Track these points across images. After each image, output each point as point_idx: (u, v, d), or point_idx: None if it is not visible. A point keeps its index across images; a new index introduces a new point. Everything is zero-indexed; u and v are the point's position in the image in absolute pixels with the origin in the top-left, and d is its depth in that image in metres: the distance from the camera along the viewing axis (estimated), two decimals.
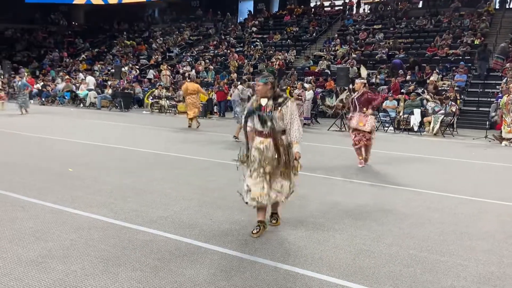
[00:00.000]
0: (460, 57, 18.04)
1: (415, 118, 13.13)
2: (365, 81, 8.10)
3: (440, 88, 15.83)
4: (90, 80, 20.28)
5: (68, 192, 5.27)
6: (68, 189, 5.44)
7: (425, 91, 14.39)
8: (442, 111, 12.70)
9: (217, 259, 3.50)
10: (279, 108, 3.93)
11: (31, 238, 3.80)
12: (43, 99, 20.32)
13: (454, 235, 4.26)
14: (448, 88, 14.88)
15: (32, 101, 19.46)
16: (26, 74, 16.49)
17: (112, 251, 3.58)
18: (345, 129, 13.07)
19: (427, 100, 13.34)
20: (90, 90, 19.47)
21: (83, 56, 28.26)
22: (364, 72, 8.78)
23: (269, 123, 3.92)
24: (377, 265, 3.49)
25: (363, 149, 7.65)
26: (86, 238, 3.85)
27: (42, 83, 21.77)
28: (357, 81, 7.91)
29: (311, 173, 6.84)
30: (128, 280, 3.10)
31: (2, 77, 20.57)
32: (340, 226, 4.37)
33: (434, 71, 16.98)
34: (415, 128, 13.06)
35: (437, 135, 12.42)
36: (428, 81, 16.37)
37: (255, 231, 4.03)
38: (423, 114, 13.35)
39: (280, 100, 3.96)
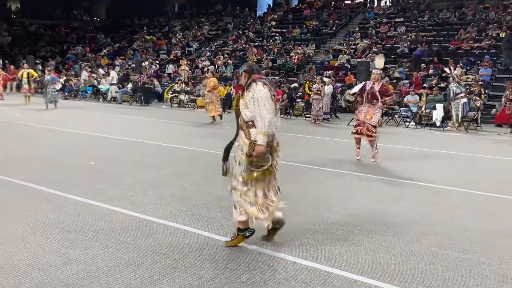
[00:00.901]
0: (485, 51, 17.55)
1: (438, 113, 12.85)
2: (381, 72, 7.87)
3: (464, 83, 15.47)
4: (114, 75, 20.60)
5: (90, 185, 5.37)
6: (90, 182, 5.54)
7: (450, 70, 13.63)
8: (462, 95, 12.15)
9: (236, 253, 3.51)
10: (243, 94, 3.53)
11: (55, 229, 3.89)
12: (66, 94, 20.72)
13: (477, 232, 4.17)
14: (472, 82, 14.52)
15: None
16: (49, 68, 16.80)
17: (133, 243, 3.64)
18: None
19: (452, 79, 12.60)
20: (112, 84, 19.77)
21: (104, 51, 28.66)
22: (380, 62, 8.39)
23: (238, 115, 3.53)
24: (397, 262, 3.44)
25: (364, 142, 7.52)
26: (107, 230, 3.92)
27: (65, 78, 22.18)
28: (374, 71, 7.69)
29: (328, 169, 6.80)
30: (148, 271, 3.14)
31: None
32: (359, 222, 4.33)
33: (458, 65, 16.57)
34: (438, 123, 12.79)
35: (459, 128, 12.12)
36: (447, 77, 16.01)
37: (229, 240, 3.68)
38: (446, 109, 13.06)
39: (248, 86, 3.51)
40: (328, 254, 3.55)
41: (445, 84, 15.57)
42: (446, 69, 13.31)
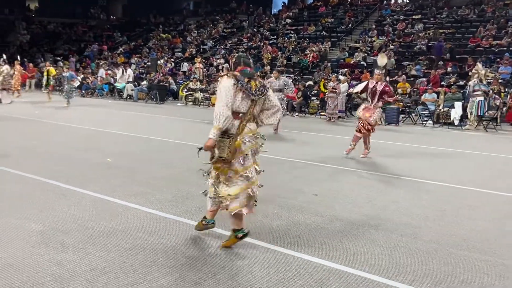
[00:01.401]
0: (505, 48, 17.18)
1: (456, 112, 12.63)
2: (384, 71, 7.84)
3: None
4: (130, 73, 20.82)
5: (107, 181, 5.44)
6: (107, 178, 5.60)
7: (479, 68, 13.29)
8: (479, 93, 11.87)
9: (252, 251, 3.51)
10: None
11: (73, 225, 3.95)
12: (83, 91, 21.02)
13: (496, 233, 4.09)
14: (492, 80, 14.23)
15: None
16: (67, 66, 17.07)
17: (149, 240, 3.67)
18: (381, 122, 12.77)
19: (477, 77, 12.23)
20: (129, 82, 19.98)
21: (120, 49, 28.98)
22: (383, 61, 8.26)
23: None
24: (415, 263, 3.39)
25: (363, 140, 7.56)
26: (124, 226, 3.96)
27: (82, 75, 22.51)
28: (377, 71, 7.62)
29: (344, 167, 6.75)
30: (164, 268, 3.17)
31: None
32: (376, 222, 4.28)
33: (477, 63, 16.24)
34: (456, 122, 12.58)
35: (478, 127, 11.89)
36: (470, 73, 15.71)
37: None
38: (465, 108, 12.84)
39: None
40: (344, 253, 3.52)
41: (464, 82, 15.32)
42: (479, 65, 12.92)
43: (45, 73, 17.01)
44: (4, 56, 17.07)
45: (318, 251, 3.55)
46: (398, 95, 14.30)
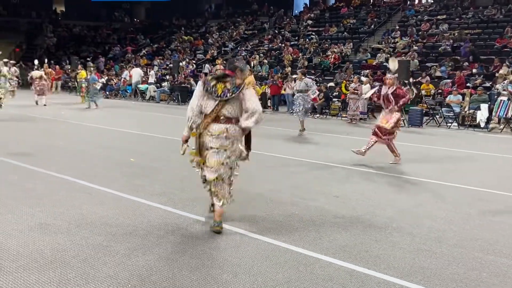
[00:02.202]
0: None
1: (482, 114, 12.31)
2: (397, 75, 7.48)
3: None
4: (152, 74, 21.11)
5: (130, 181, 5.53)
6: (130, 177, 5.70)
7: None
8: (505, 93, 11.60)
9: (273, 252, 3.51)
10: None
11: (97, 223, 4.03)
12: (107, 93, 21.45)
13: None
14: None
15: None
16: (92, 69, 17.41)
17: (171, 238, 3.71)
18: (404, 124, 12.59)
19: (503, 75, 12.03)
20: (150, 84, 20.28)
21: (143, 51, 29.43)
22: (394, 65, 7.78)
23: None
24: (439, 267, 3.32)
25: (375, 145, 7.17)
26: (146, 224, 4.02)
27: (106, 77, 22.97)
28: (388, 76, 7.26)
29: (366, 169, 6.67)
30: (187, 267, 3.20)
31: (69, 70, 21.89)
32: (398, 225, 4.22)
33: (504, 64, 15.81)
34: (482, 124, 12.26)
35: (506, 129, 11.57)
36: (497, 74, 15.30)
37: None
38: (491, 110, 12.51)
39: None
40: (366, 255, 3.48)
41: (490, 83, 14.93)
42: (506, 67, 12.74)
43: (78, 77, 17.41)
44: (36, 62, 17.58)
45: (339, 252, 3.52)
46: (414, 93, 14.04)
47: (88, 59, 24.67)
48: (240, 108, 3.77)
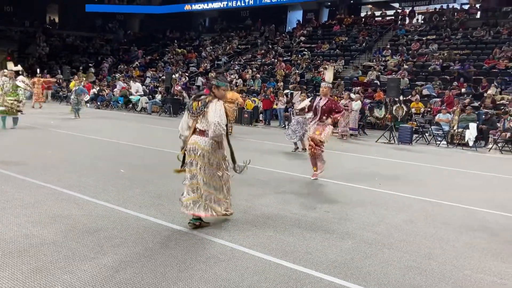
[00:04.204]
0: None
1: (471, 133, 12.49)
2: (331, 85, 7.23)
3: (498, 103, 15.04)
4: (138, 87, 21.14)
5: (119, 192, 5.47)
6: (119, 189, 5.64)
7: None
8: None
9: (263, 267, 3.47)
10: None
11: (85, 234, 3.96)
12: (99, 103, 21.35)
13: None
14: (508, 102, 14.09)
15: (88, 104, 20.51)
16: (83, 79, 17.36)
17: (160, 251, 3.66)
18: (394, 141, 12.69)
19: None
20: (140, 95, 20.29)
21: (136, 63, 29.46)
22: (330, 75, 7.48)
23: None
24: (429, 284, 3.32)
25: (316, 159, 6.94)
26: (135, 236, 3.97)
27: (98, 88, 22.89)
28: (323, 85, 7.00)
29: (357, 185, 6.69)
30: (175, 281, 3.15)
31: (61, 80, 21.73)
32: (389, 241, 4.22)
33: (492, 85, 16.13)
34: (470, 143, 12.42)
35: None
36: (485, 94, 15.61)
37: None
38: (480, 129, 12.70)
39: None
40: (357, 272, 3.47)
41: (479, 103, 15.19)
42: None
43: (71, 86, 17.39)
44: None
45: (330, 268, 3.50)
46: (404, 111, 14.17)
47: (90, 64, 24.61)
48: (205, 122, 4.20)
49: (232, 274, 3.31)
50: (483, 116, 13.39)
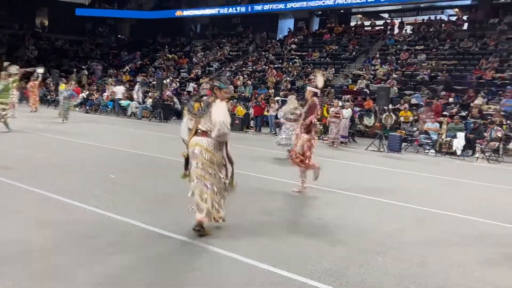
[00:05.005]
0: (507, 81, 17.34)
1: (458, 142, 12.66)
2: (317, 91, 6.49)
3: (485, 113, 15.28)
4: (119, 89, 20.96)
5: (109, 197, 5.39)
6: (110, 194, 5.56)
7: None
8: None
9: (255, 274, 3.44)
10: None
11: (74, 241, 3.89)
12: (88, 108, 21.13)
13: (506, 265, 4.01)
14: (494, 112, 14.32)
15: (77, 109, 20.29)
16: (73, 82, 17.18)
17: (153, 259, 3.61)
18: (383, 149, 12.78)
19: None
20: (119, 99, 20.19)
21: (126, 67, 29.28)
22: (320, 79, 6.83)
23: None
24: None
25: (300, 171, 6.43)
26: (127, 243, 3.90)
27: (87, 92, 22.66)
28: (308, 88, 6.60)
29: (349, 192, 6.70)
30: (166, 287, 3.10)
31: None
32: (382, 249, 4.22)
33: (479, 95, 16.40)
34: (458, 152, 12.58)
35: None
36: (472, 104, 15.85)
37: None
38: (467, 138, 12.87)
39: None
40: (351, 280, 3.46)
41: (466, 112, 15.42)
42: None
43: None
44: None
45: (324, 276, 3.48)
46: (393, 119, 14.29)
47: (84, 67, 24.32)
48: (207, 123, 4.20)
49: (226, 282, 3.27)
50: (471, 126, 13.57)
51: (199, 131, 4.22)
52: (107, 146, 9.95)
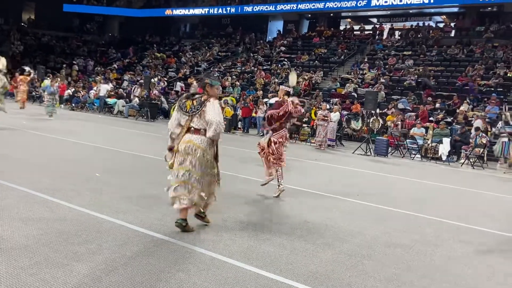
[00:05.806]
0: (492, 89, 17.66)
1: (444, 147, 12.83)
2: (290, 90, 6.43)
3: (470, 119, 15.52)
4: (104, 87, 20.70)
5: (95, 197, 5.30)
6: (95, 193, 5.47)
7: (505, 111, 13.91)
8: (505, 134, 12.19)
9: (241, 276, 3.41)
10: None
11: (58, 239, 3.80)
12: (73, 105, 20.83)
13: (488, 271, 4.06)
14: (479, 118, 14.54)
15: (62, 106, 19.99)
16: (59, 79, 16.90)
17: (137, 259, 3.54)
18: (370, 153, 12.87)
19: (505, 118, 12.80)
20: (100, 97, 19.98)
21: (114, 65, 28.98)
22: (293, 79, 6.86)
23: None
24: None
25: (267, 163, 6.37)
26: (111, 243, 3.83)
27: (73, 89, 22.35)
28: (281, 87, 6.47)
29: (335, 195, 6.72)
30: None
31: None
32: (368, 252, 4.23)
33: (465, 101, 16.66)
34: (444, 158, 12.76)
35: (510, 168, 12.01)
36: (458, 110, 16.08)
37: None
38: (453, 144, 13.05)
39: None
40: (337, 283, 3.45)
41: (452, 118, 15.64)
42: (506, 112, 13.60)
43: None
44: None
45: (311, 279, 3.46)
46: (380, 123, 14.43)
47: (75, 62, 23.90)
48: (205, 120, 4.20)
49: (212, 283, 3.23)
50: (457, 131, 13.75)
51: (192, 128, 4.24)
52: (92, 144, 9.81)
